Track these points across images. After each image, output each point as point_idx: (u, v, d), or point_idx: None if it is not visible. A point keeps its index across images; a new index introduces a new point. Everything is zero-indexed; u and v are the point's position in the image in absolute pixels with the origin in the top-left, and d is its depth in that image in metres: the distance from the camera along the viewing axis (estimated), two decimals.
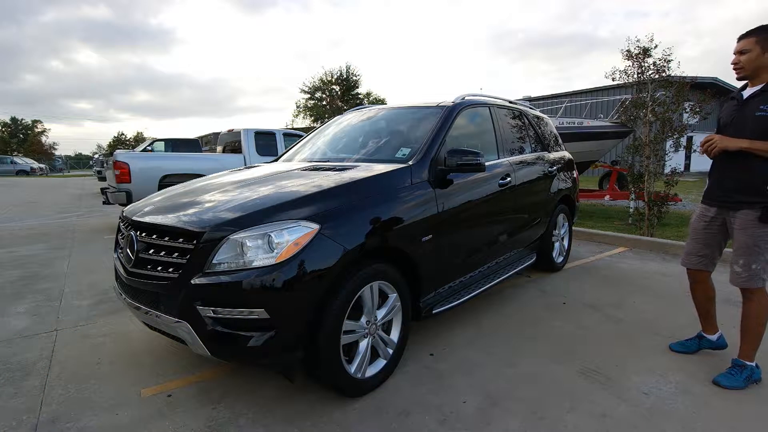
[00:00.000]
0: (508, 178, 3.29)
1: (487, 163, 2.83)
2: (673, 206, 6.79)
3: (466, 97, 3.27)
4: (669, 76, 5.89)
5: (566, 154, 4.69)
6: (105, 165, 13.27)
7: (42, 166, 34.31)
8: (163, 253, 2.01)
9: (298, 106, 36.04)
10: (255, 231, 1.87)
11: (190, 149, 10.52)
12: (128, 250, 2.19)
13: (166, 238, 2.03)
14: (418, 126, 3.05)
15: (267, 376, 2.35)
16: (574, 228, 5.07)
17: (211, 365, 2.45)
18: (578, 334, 2.89)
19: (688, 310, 2.97)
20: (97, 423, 1.96)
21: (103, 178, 12.05)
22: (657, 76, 5.92)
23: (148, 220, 2.16)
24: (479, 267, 3.10)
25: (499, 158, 3.36)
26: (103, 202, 7.46)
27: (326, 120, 10.85)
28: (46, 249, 5.62)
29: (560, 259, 4.43)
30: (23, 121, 62.04)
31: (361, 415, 2.01)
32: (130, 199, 6.13)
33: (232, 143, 8.01)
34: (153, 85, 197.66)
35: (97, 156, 25.92)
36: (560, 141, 4.77)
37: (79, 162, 52.45)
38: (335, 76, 34.63)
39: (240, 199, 2.16)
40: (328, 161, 3.06)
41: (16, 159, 34.30)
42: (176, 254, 1.96)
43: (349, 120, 3.72)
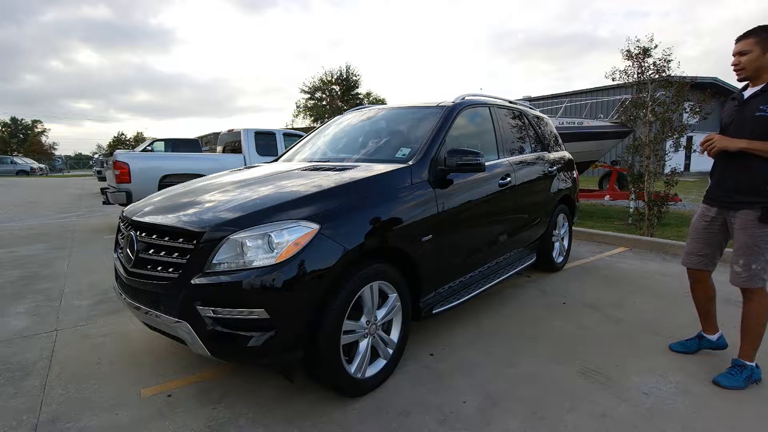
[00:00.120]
0: (508, 178, 3.29)
1: (487, 163, 2.83)
2: (673, 206, 6.80)
3: (466, 97, 3.27)
4: (669, 76, 5.89)
5: (566, 154, 4.69)
6: (105, 165, 13.26)
7: (42, 166, 34.31)
8: (163, 253, 2.01)
9: (298, 106, 36.08)
10: (255, 231, 1.87)
11: (190, 149, 10.52)
12: (128, 250, 2.19)
13: (166, 238, 2.03)
14: (418, 126, 3.05)
15: (267, 376, 2.35)
16: (574, 228, 5.08)
17: (211, 365, 2.46)
18: (578, 334, 2.89)
19: (688, 310, 2.97)
20: (97, 423, 1.96)
21: (103, 178, 12.05)
22: (657, 76, 5.92)
23: (148, 220, 2.16)
24: (479, 267, 3.11)
25: (499, 158, 3.36)
26: (103, 202, 7.47)
27: (326, 120, 10.85)
28: (46, 249, 5.62)
29: (560, 259, 4.44)
30: (23, 121, 62.06)
31: (361, 415, 2.01)
32: (130, 199, 6.13)
33: (232, 143, 8.01)
34: (153, 85, 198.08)
35: (97, 156, 25.92)
36: (560, 141, 4.77)
37: (79, 162, 52.44)
38: (335, 76, 34.65)
39: (240, 199, 2.17)
40: (328, 161, 3.06)
41: (16, 159, 34.31)
42: (176, 254, 1.96)
43: (349, 120, 3.72)
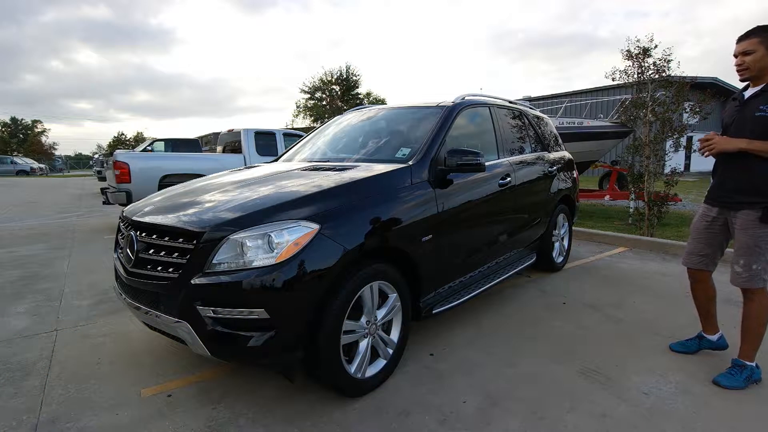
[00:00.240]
0: (508, 178, 3.29)
1: (487, 163, 2.83)
2: (673, 206, 6.80)
3: (466, 97, 3.27)
4: (669, 76, 5.89)
5: (566, 154, 4.69)
6: (105, 165, 13.27)
7: (42, 166, 34.31)
8: (163, 253, 2.01)
9: (298, 106, 36.12)
10: (255, 231, 1.87)
11: (190, 149, 10.53)
12: (128, 250, 2.19)
13: (166, 238, 2.03)
14: (418, 126, 3.05)
15: (267, 376, 2.35)
16: (574, 228, 5.08)
17: (211, 365, 2.45)
18: (578, 334, 2.89)
19: (688, 310, 2.97)
20: (97, 423, 1.96)
21: (103, 178, 12.06)
22: (657, 76, 5.92)
23: (148, 220, 2.16)
24: (479, 267, 3.10)
25: (499, 158, 3.36)
26: (103, 202, 7.47)
27: (326, 120, 10.85)
28: (46, 249, 5.62)
29: (560, 259, 4.43)
30: (23, 121, 62.07)
31: (361, 415, 2.01)
32: (130, 199, 6.13)
33: (232, 143, 8.01)
34: (153, 85, 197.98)
35: (97, 156, 25.93)
36: (560, 141, 4.77)
37: (79, 162, 52.44)
38: (335, 76, 34.67)
39: (240, 199, 2.16)
40: (328, 161, 3.06)
41: (16, 159, 34.31)
42: (176, 254, 1.96)
43: (349, 120, 3.72)
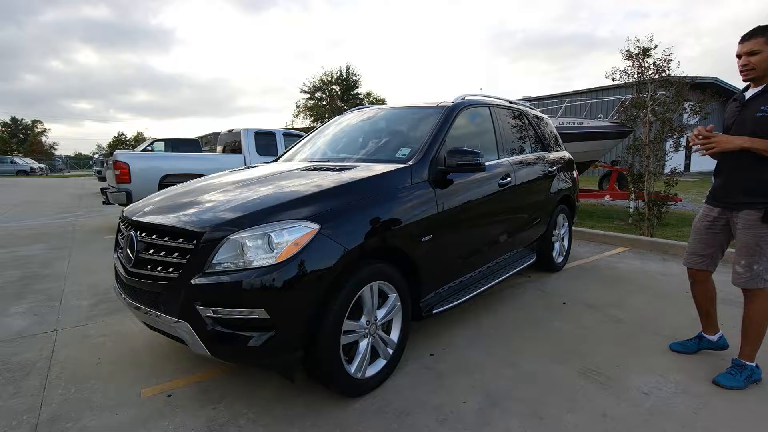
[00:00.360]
0: (508, 178, 3.29)
1: (487, 163, 2.83)
2: (673, 206, 6.80)
3: (466, 97, 3.27)
4: (669, 76, 5.89)
5: (566, 154, 4.69)
6: (105, 165, 13.25)
7: (42, 166, 34.31)
8: (163, 253, 2.01)
9: (298, 106, 36.17)
10: (255, 231, 1.87)
11: (190, 149, 10.53)
12: (128, 250, 2.19)
13: (166, 238, 2.03)
14: (418, 126, 3.05)
15: (267, 376, 2.35)
16: (574, 228, 5.08)
17: (211, 365, 2.45)
18: (578, 334, 2.89)
19: (688, 310, 2.97)
20: (97, 423, 1.96)
21: (103, 178, 12.05)
22: (657, 76, 5.91)
23: (148, 220, 2.16)
24: (479, 267, 3.10)
25: (499, 158, 3.36)
26: (103, 202, 7.47)
27: (326, 120, 10.85)
28: (46, 249, 5.61)
29: (560, 259, 4.43)
30: (23, 121, 62.05)
31: (361, 415, 2.01)
32: (130, 199, 6.13)
33: (232, 143, 8.01)
34: (153, 85, 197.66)
35: (97, 156, 25.89)
36: (560, 141, 4.77)
37: (79, 162, 52.41)
38: (335, 76, 34.71)
39: (240, 199, 2.16)
40: (328, 161, 3.06)
41: (16, 159, 34.31)
42: (176, 254, 1.96)
43: (349, 120, 3.72)
